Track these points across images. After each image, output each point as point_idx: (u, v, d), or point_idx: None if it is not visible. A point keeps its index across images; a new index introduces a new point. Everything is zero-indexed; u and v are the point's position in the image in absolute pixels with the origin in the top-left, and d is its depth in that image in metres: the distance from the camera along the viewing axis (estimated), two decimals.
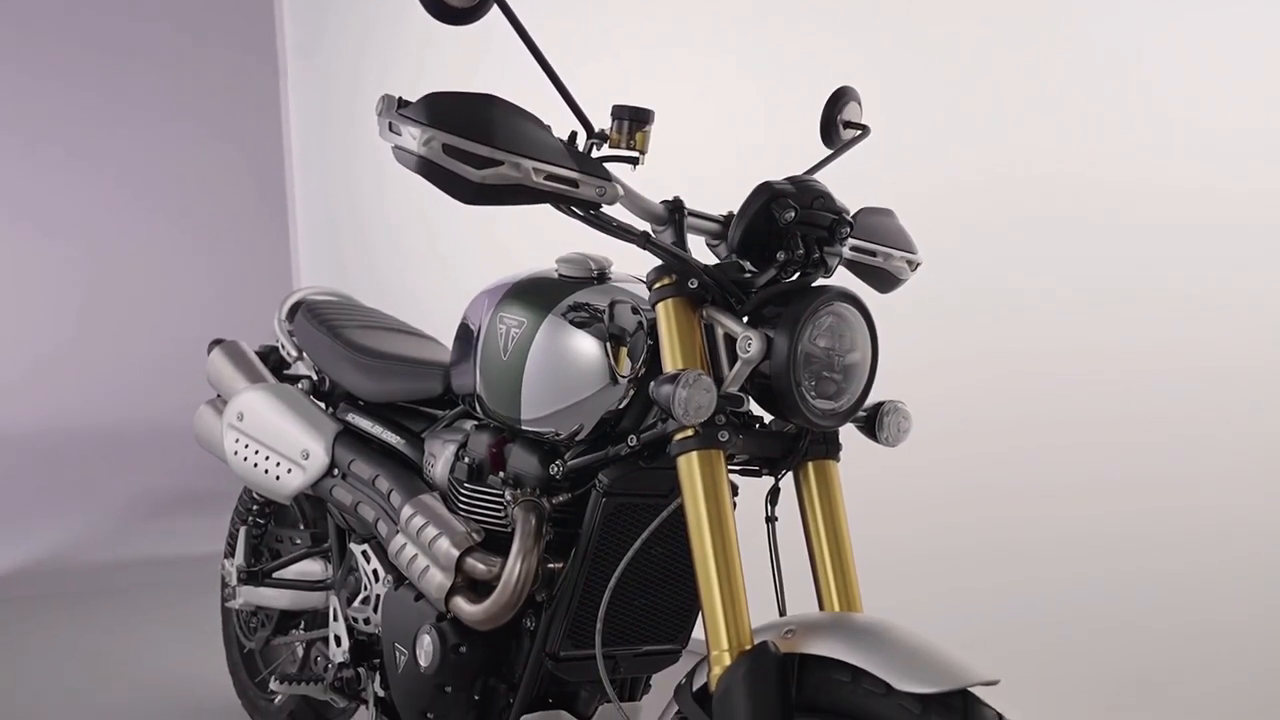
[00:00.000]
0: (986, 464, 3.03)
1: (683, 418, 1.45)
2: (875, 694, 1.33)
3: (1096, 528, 2.84)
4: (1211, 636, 2.66)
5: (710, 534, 1.48)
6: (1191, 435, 2.67)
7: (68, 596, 4.24)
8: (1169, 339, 2.70)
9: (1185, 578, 2.69)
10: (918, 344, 3.01)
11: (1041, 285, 2.93)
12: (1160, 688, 2.76)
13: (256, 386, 2.52)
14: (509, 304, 1.85)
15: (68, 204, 8.40)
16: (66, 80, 8.29)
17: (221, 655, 3.17)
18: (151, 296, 8.44)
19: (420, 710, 1.92)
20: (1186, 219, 2.66)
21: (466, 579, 1.83)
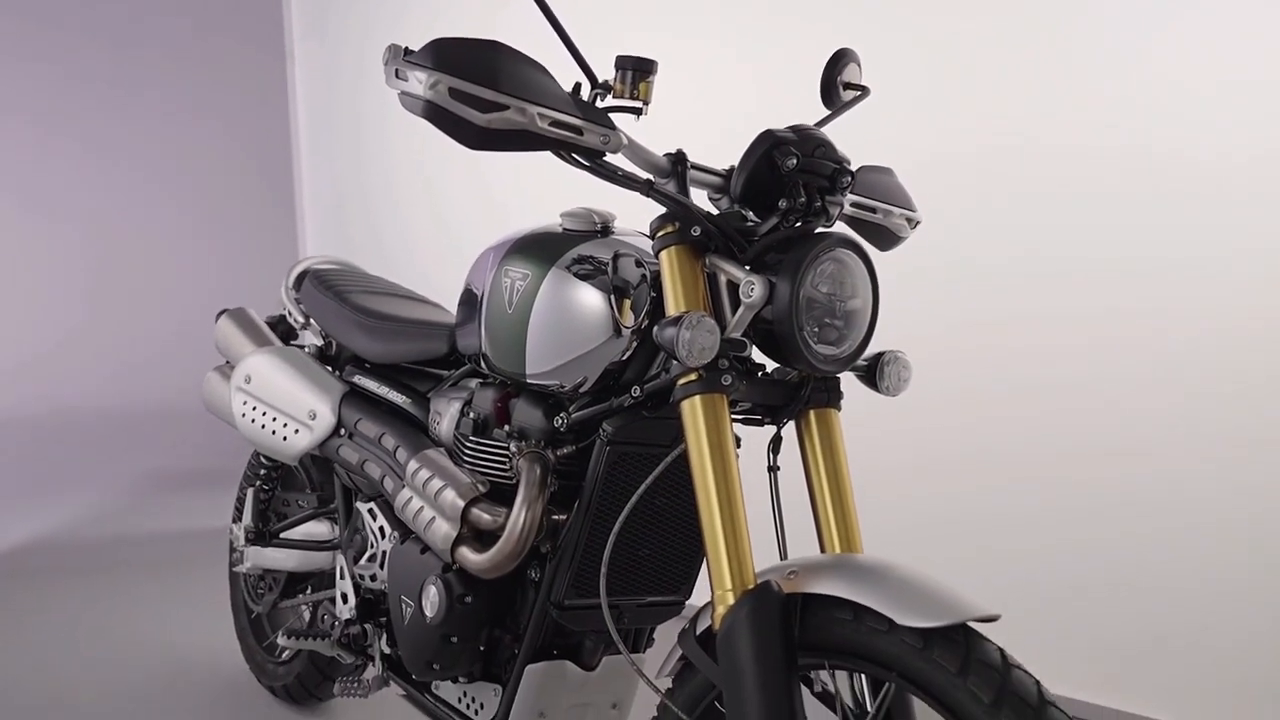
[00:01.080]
0: (985, 427, 3.03)
1: (686, 359, 1.44)
2: (878, 630, 1.33)
3: (1094, 489, 2.83)
4: (1209, 595, 2.66)
5: (714, 477, 1.47)
6: (1186, 398, 2.67)
7: (79, 569, 4.25)
8: (1165, 304, 2.69)
9: (1182, 538, 2.69)
10: (915, 310, 3.01)
11: (1033, 254, 2.92)
12: (1160, 642, 2.75)
13: (263, 350, 2.51)
14: (513, 258, 1.84)
15: (76, 190, 8.40)
16: (75, 65, 8.28)
17: (229, 623, 3.17)
18: (159, 280, 8.44)
19: (426, 661, 1.92)
20: (1180, 189, 2.66)
21: (472, 529, 1.82)
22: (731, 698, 1.39)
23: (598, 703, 1.95)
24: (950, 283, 3.08)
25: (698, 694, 1.56)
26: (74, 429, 7.47)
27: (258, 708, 2.90)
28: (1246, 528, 2.59)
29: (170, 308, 8.25)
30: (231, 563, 2.93)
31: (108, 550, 4.56)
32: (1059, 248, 2.86)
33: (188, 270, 8.34)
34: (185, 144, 8.59)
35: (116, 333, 8.24)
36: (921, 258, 2.91)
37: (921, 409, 3.06)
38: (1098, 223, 2.79)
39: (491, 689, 1.94)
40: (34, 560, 4.35)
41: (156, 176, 8.54)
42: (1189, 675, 2.70)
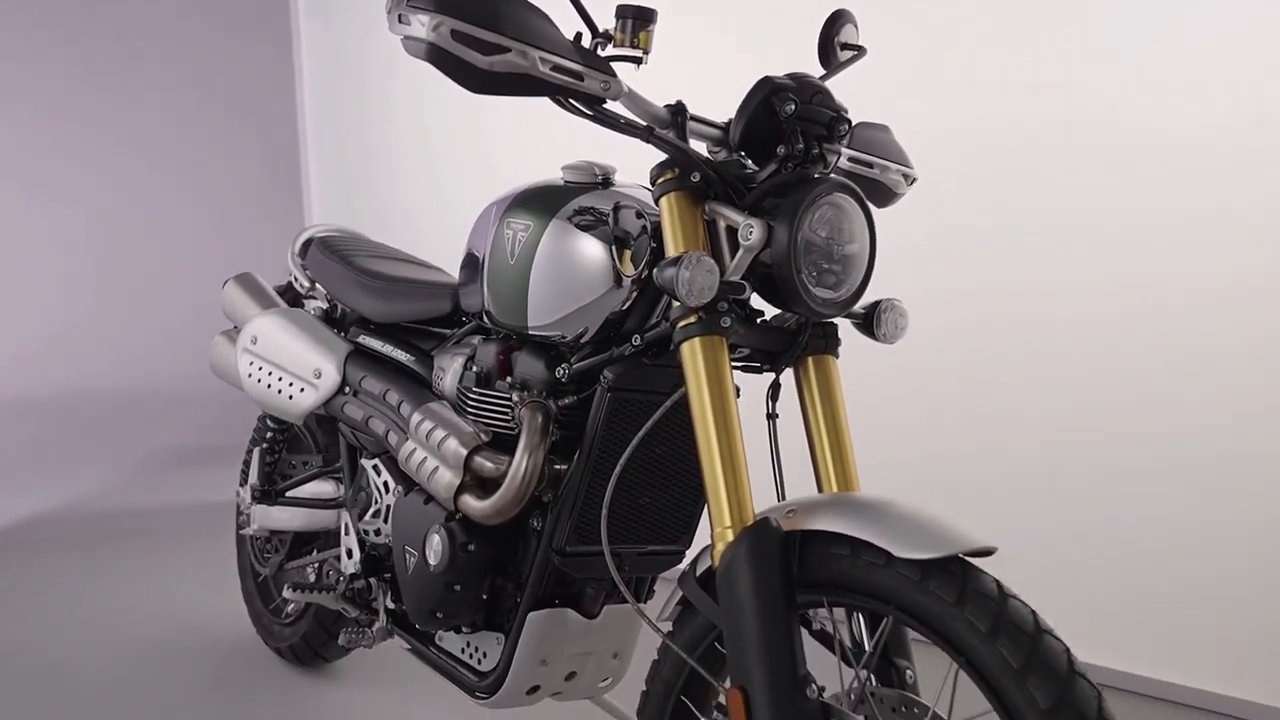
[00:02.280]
0: (983, 394, 3.02)
1: (686, 298, 1.43)
2: (875, 565, 1.32)
3: (1093, 452, 2.83)
4: (1210, 557, 2.65)
5: (713, 417, 1.47)
6: (1184, 361, 2.67)
7: (88, 541, 4.25)
8: (1162, 270, 2.69)
9: (1181, 500, 2.68)
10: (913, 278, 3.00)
11: (1032, 221, 2.91)
12: (1162, 604, 2.75)
13: (269, 311, 2.50)
14: (515, 210, 1.83)
15: (83, 175, 8.39)
16: (81, 47, 8.27)
17: (235, 591, 3.18)
18: (166, 265, 8.43)
19: (429, 610, 1.91)
20: (1179, 155, 2.65)
21: (475, 477, 1.82)
22: (731, 635, 1.38)
23: (599, 652, 1.94)
24: (948, 251, 3.07)
25: (698, 635, 1.56)
26: (82, 409, 7.46)
27: (265, 669, 2.90)
28: (1246, 489, 2.58)
29: (177, 291, 8.24)
30: (238, 526, 2.93)
31: (116, 522, 4.56)
32: (1061, 216, 2.85)
33: (193, 254, 8.32)
34: (191, 129, 8.57)
35: (124, 316, 8.24)
36: (920, 226, 2.91)
37: (920, 374, 3.07)
38: (1098, 191, 2.79)
39: (494, 638, 1.93)
40: (45, 531, 4.35)
41: (162, 162, 8.52)
42: (1190, 637, 2.69)
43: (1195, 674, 2.69)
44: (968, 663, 1.23)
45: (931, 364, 3.10)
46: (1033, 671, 1.18)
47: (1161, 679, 2.73)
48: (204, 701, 2.70)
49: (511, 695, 1.88)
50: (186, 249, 8.36)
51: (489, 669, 1.93)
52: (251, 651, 3.02)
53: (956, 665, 1.27)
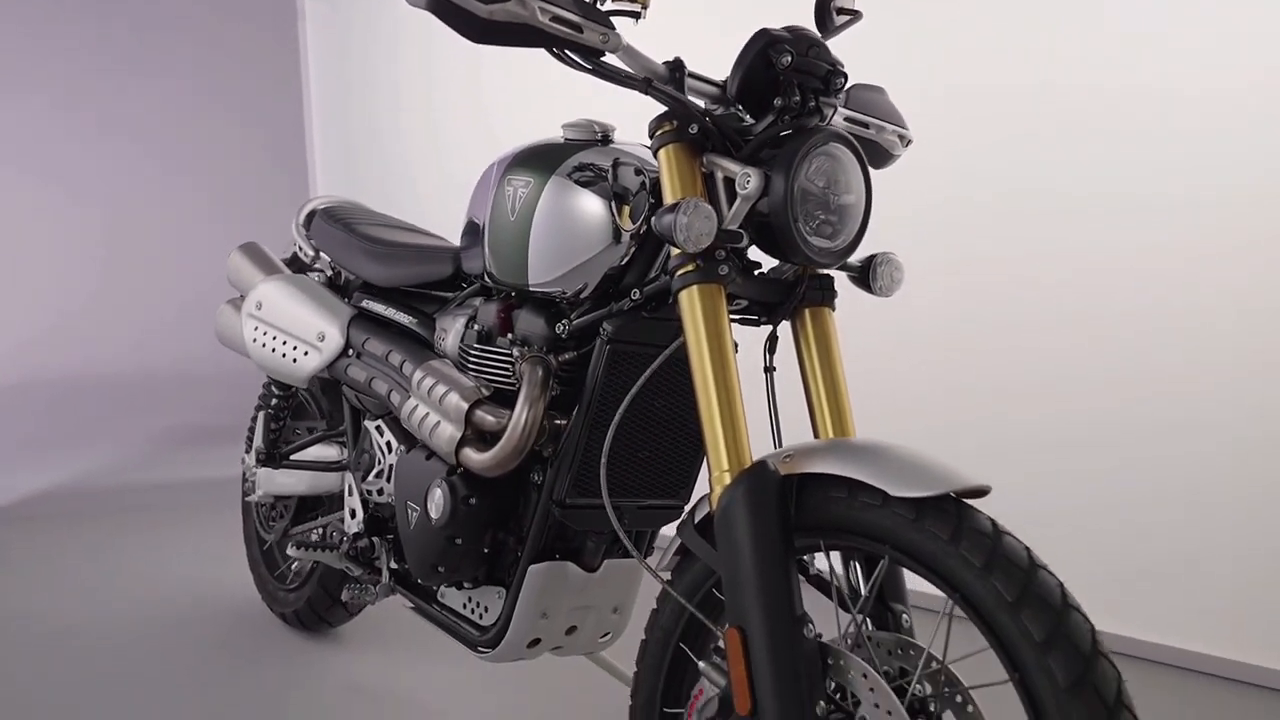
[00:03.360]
0: (983, 360, 3.01)
1: (684, 244, 1.42)
2: (871, 505, 1.31)
3: (1093, 417, 2.82)
4: (1208, 521, 2.65)
5: (711, 363, 1.46)
6: (1181, 331, 2.66)
7: (99, 513, 4.25)
8: (1159, 236, 2.68)
9: (1180, 464, 2.68)
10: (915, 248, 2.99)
11: (1035, 188, 2.90)
12: (1160, 568, 2.74)
13: (273, 277, 2.50)
14: (516, 167, 1.83)
15: (92, 163, 8.41)
16: (89, 36, 8.28)
17: (240, 561, 3.18)
18: (173, 250, 8.46)
19: (431, 564, 1.90)
20: (1184, 125, 2.64)
21: (476, 431, 1.81)
22: (729, 576, 1.37)
23: (599, 606, 1.94)
24: (950, 218, 3.06)
25: (697, 582, 1.55)
26: (91, 390, 7.48)
27: (270, 634, 2.90)
28: (1244, 453, 2.58)
29: (183, 275, 8.28)
30: (244, 493, 2.92)
31: (124, 497, 4.57)
32: (1065, 182, 2.84)
33: (200, 239, 8.34)
34: (197, 117, 8.59)
35: (131, 299, 8.29)
36: (922, 194, 2.90)
37: (918, 344, 3.06)
38: (1105, 158, 2.77)
39: (495, 593, 1.93)
40: (57, 506, 4.36)
41: (169, 149, 8.54)
42: (1189, 600, 2.69)
43: (1191, 639, 2.69)
44: (962, 599, 1.22)
45: (930, 333, 3.10)
46: (1027, 605, 1.17)
47: (1155, 642, 2.73)
48: (211, 664, 2.70)
49: (512, 648, 1.88)
50: (193, 234, 8.39)
51: (490, 623, 1.92)
52: (257, 618, 3.02)
53: (951, 605, 1.26)
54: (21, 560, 3.61)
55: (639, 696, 1.63)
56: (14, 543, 3.81)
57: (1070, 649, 1.14)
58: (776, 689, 1.31)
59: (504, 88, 4.64)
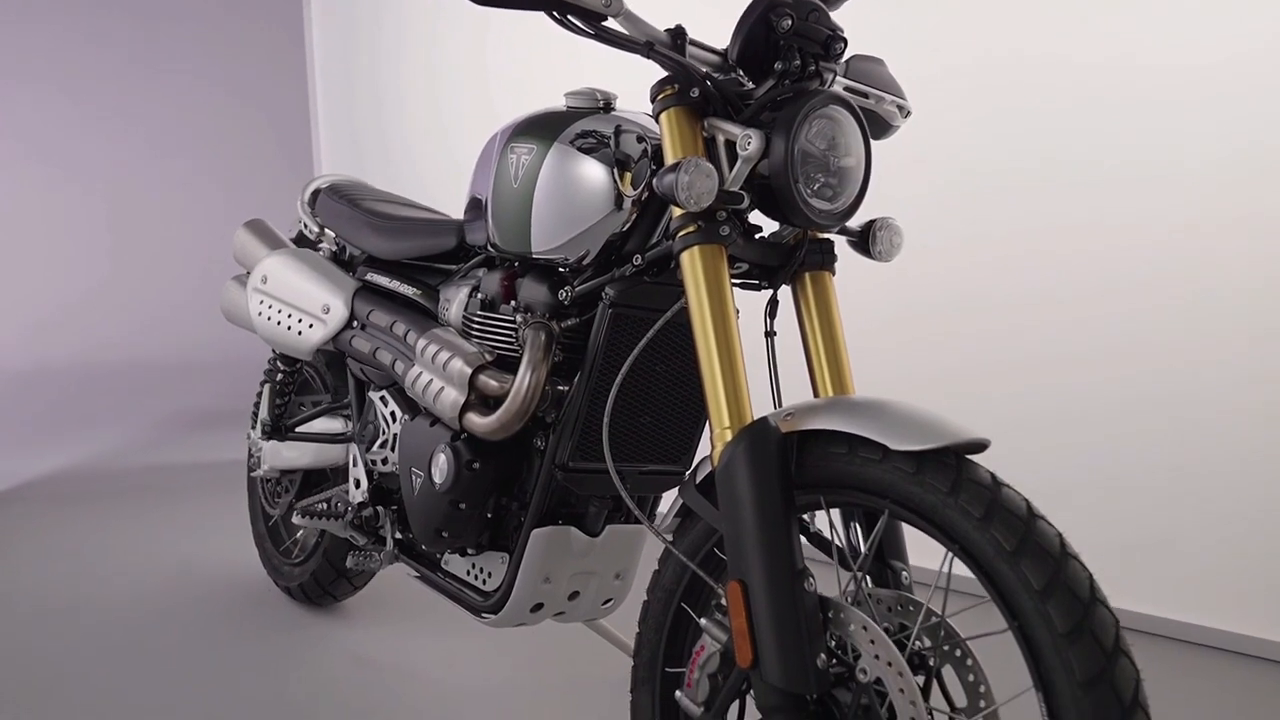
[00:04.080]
0: (978, 337, 3.01)
1: (686, 203, 1.42)
2: (871, 460, 1.31)
3: (1089, 392, 2.82)
4: (1206, 494, 2.65)
5: (712, 322, 1.45)
6: (1181, 303, 2.65)
7: (107, 493, 4.26)
8: (1153, 210, 2.68)
9: (1177, 437, 2.67)
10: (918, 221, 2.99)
11: (1039, 161, 2.90)
12: (1159, 543, 2.74)
13: (279, 251, 2.50)
14: (519, 135, 1.82)
15: (100, 151, 8.43)
16: (96, 26, 8.29)
17: (246, 539, 3.18)
18: (177, 241, 8.48)
19: (435, 529, 1.90)
20: (1177, 97, 2.64)
21: (479, 395, 1.81)
22: (730, 531, 1.37)
23: (601, 571, 1.94)
24: (952, 192, 3.05)
25: (698, 542, 1.55)
26: (98, 376, 7.49)
27: (275, 608, 2.90)
28: (1240, 425, 2.57)
29: (187, 268, 8.30)
30: (249, 468, 2.92)
31: (131, 478, 4.57)
32: (1068, 153, 2.83)
33: (206, 228, 8.36)
34: (203, 107, 8.61)
35: (138, 287, 8.32)
36: (927, 170, 2.90)
37: (918, 316, 3.05)
38: (1103, 131, 2.77)
39: (499, 558, 1.93)
40: (65, 487, 4.36)
41: (174, 136, 8.58)
42: (1188, 574, 2.68)
43: (1189, 612, 2.69)
44: (961, 549, 1.22)
45: (929, 301, 3.10)
46: (1026, 554, 1.17)
47: (1157, 615, 2.73)
48: (216, 637, 2.70)
49: (516, 612, 1.87)
50: (198, 221, 8.41)
51: (494, 588, 1.92)
52: (263, 593, 3.02)
53: (950, 557, 1.26)
54: (30, 539, 3.61)
55: (641, 656, 1.63)
56: (23, 523, 3.81)
57: (1069, 596, 1.14)
58: (777, 641, 1.30)
59: (508, 72, 4.63)
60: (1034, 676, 1.15)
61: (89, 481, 4.51)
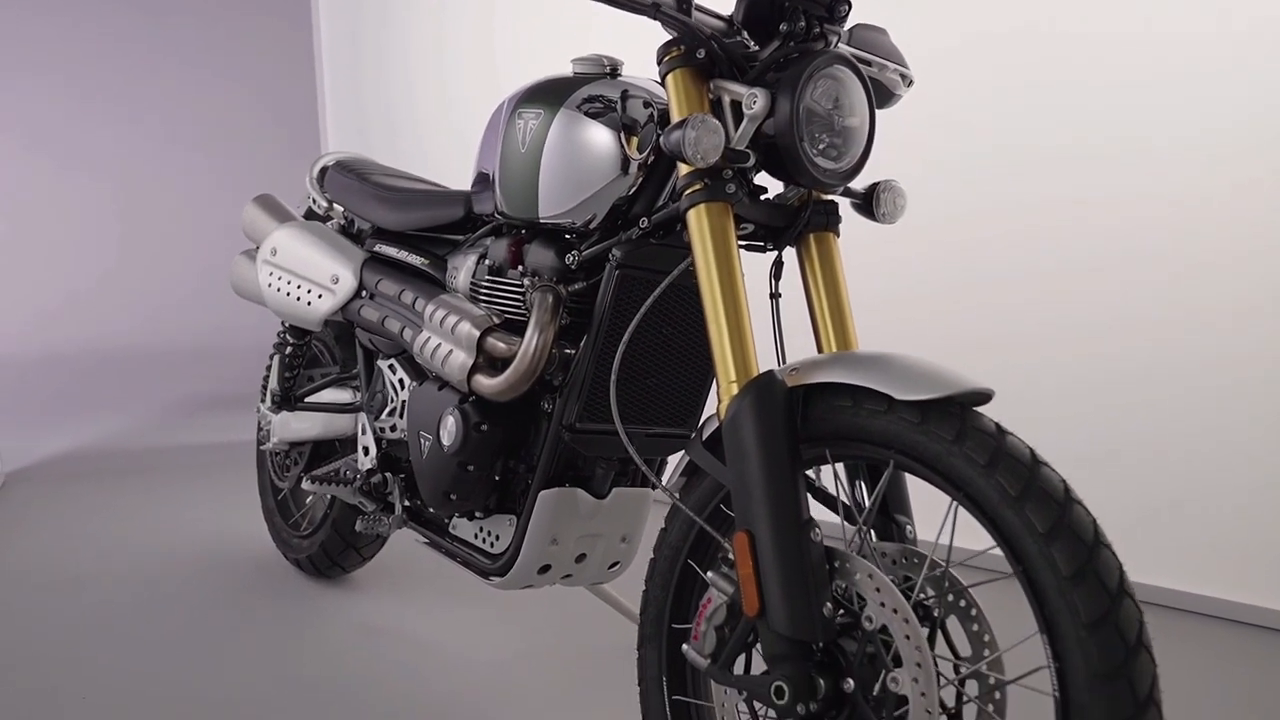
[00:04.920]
0: (985, 310, 3.01)
1: (693, 159, 1.41)
2: (877, 412, 1.30)
3: (1094, 361, 2.82)
4: (1207, 463, 2.64)
5: (719, 277, 1.45)
6: (1190, 274, 2.65)
7: (117, 472, 4.26)
8: (1158, 185, 2.67)
9: (1180, 406, 2.67)
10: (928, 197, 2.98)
11: (1048, 138, 2.89)
12: (1158, 511, 2.74)
13: (287, 224, 2.49)
14: (526, 101, 1.82)
15: (108, 141, 8.44)
16: (103, 17, 8.30)
17: (255, 515, 3.19)
18: (186, 227, 8.50)
19: (444, 492, 1.90)
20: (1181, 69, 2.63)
21: (487, 358, 1.81)
22: (736, 483, 1.36)
23: (608, 534, 1.93)
24: (961, 169, 3.05)
25: (704, 499, 1.54)
26: (107, 362, 7.50)
27: (284, 579, 2.90)
28: (1242, 394, 2.57)
29: (196, 251, 8.33)
30: (259, 442, 2.92)
31: (142, 458, 4.57)
32: (1079, 131, 2.82)
33: (212, 217, 8.37)
34: (210, 99, 8.61)
35: (146, 275, 8.35)
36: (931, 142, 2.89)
37: (928, 294, 3.05)
38: (1108, 107, 2.76)
39: (507, 520, 1.92)
40: (77, 466, 4.36)
41: (181, 125, 8.59)
42: (1189, 542, 2.68)
43: (1191, 580, 2.68)
44: (966, 497, 1.22)
45: (940, 276, 3.09)
46: (1030, 498, 1.16)
47: (1158, 585, 2.73)
48: (226, 607, 2.70)
49: (523, 574, 1.87)
50: (206, 210, 8.41)
51: (501, 550, 1.92)
52: (272, 566, 3.02)
53: (954, 508, 1.25)
54: (41, 515, 3.61)
55: (647, 614, 1.63)
56: (34, 500, 3.82)
57: (1073, 539, 1.13)
58: (784, 590, 1.30)
59: (515, 50, 4.62)
60: (1039, 620, 1.15)
61: (98, 461, 4.51)
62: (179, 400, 6.05)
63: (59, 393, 6.28)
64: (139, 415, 5.59)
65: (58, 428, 5.20)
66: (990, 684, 1.25)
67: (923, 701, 1.22)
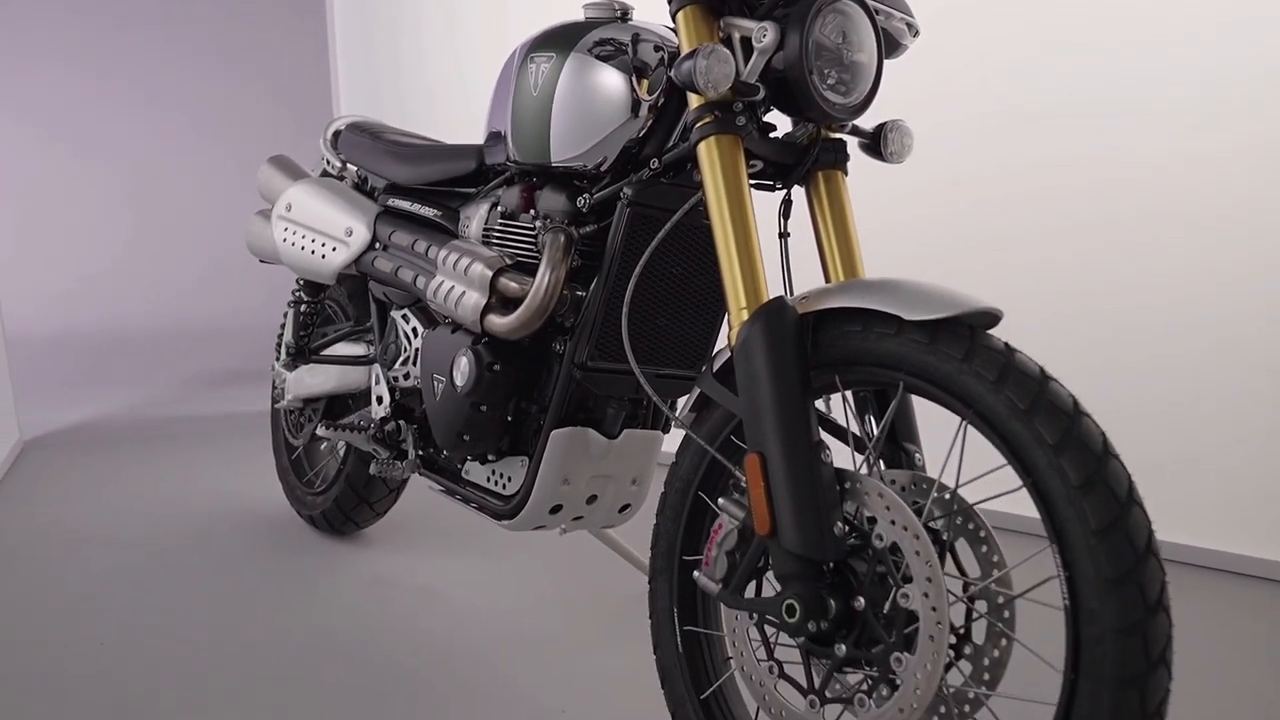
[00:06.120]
0: (993, 271, 2.99)
1: (704, 89, 1.40)
2: (886, 335, 1.29)
3: (1100, 319, 2.80)
4: (1212, 419, 2.63)
5: (729, 207, 1.44)
6: (1193, 227, 2.63)
7: (134, 440, 4.25)
8: (1167, 144, 2.66)
9: (1184, 363, 2.66)
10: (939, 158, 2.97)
11: (1062, 97, 2.87)
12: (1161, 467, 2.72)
13: (302, 180, 2.48)
14: (538, 46, 1.81)
15: (121, 125, 8.45)
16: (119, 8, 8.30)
17: (269, 478, 3.18)
18: (198, 210, 8.51)
19: (457, 433, 1.89)
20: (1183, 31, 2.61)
21: (500, 298, 1.80)
22: (748, 409, 1.35)
23: (619, 476, 1.92)
24: (972, 130, 3.03)
25: (715, 430, 1.53)
26: (123, 340, 7.50)
27: (298, 536, 2.90)
28: (1246, 352, 2.55)
29: (208, 233, 8.34)
30: (273, 400, 2.91)
31: (158, 427, 4.57)
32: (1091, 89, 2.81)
33: (224, 200, 8.38)
34: (222, 84, 8.61)
35: (159, 259, 8.38)
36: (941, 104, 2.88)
37: (934, 255, 3.04)
38: (1112, 68, 2.75)
39: (519, 462, 1.91)
40: (94, 434, 4.35)
41: (194, 114, 8.60)
42: (1193, 498, 2.67)
43: (1195, 535, 2.67)
44: (976, 414, 1.20)
45: (951, 236, 3.08)
46: (1040, 411, 1.15)
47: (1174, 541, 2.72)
48: (241, 561, 2.70)
49: (535, 513, 1.86)
50: (217, 195, 8.41)
51: (513, 492, 1.91)
52: (286, 524, 3.02)
53: (963, 429, 1.24)
54: (61, 478, 3.61)
55: (659, 546, 1.62)
56: (54, 464, 3.81)
57: (1082, 449, 1.12)
58: (795, 508, 1.29)
59: (528, 19, 4.59)
60: (1048, 530, 1.14)
61: (113, 430, 4.51)
62: (191, 376, 6.04)
63: (76, 370, 6.28)
64: (152, 389, 5.59)
65: (74, 402, 5.20)
66: (999, 601, 1.24)
67: (933, 616, 1.21)
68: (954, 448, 1.26)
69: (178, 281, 8.32)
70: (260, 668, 2.04)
